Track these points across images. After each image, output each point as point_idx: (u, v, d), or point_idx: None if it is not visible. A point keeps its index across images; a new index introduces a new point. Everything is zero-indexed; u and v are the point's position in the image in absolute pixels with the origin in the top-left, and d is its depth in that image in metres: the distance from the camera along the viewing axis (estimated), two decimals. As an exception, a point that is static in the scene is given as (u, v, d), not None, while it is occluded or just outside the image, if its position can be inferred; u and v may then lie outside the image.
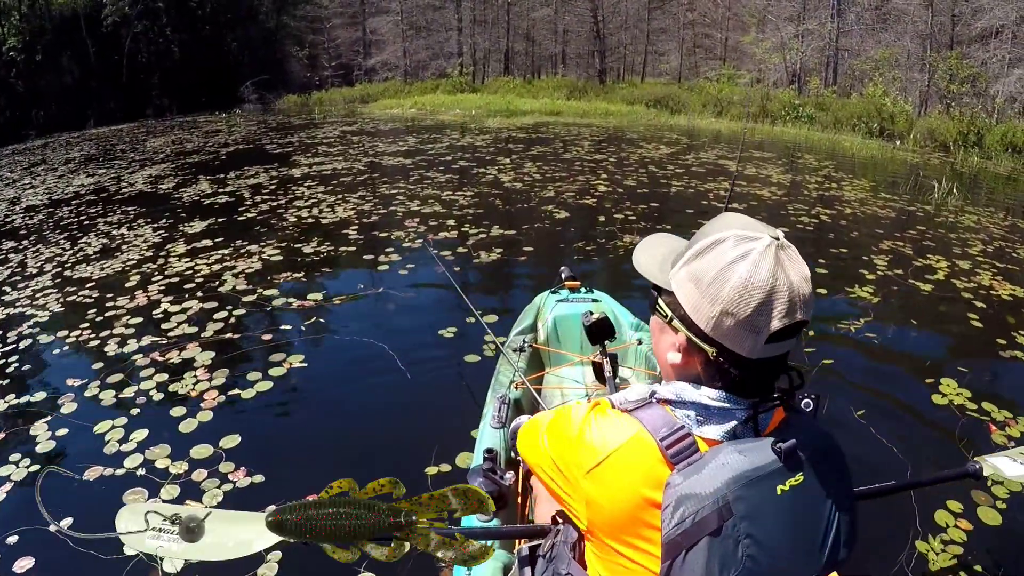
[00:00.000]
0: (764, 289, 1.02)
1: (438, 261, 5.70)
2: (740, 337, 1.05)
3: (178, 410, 4.18)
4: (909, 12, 21.37)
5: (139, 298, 5.99)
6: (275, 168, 11.88)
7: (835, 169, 11.95)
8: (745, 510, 1.03)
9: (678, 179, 10.58)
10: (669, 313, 1.15)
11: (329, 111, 24.00)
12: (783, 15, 24.53)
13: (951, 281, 6.36)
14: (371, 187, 10.14)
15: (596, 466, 1.12)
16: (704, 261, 1.07)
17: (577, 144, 14.15)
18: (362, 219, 8.30)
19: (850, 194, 9.85)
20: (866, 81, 20.87)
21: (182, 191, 10.36)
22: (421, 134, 16.37)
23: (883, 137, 16.32)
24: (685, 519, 1.02)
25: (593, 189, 9.75)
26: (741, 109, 19.52)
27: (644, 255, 1.26)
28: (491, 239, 7.45)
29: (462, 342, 5.00)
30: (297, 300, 5.80)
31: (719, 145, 14.48)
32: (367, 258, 6.90)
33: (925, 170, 12.54)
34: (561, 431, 1.24)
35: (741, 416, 1.12)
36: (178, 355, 4.90)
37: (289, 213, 8.62)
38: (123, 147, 16.54)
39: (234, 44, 29.86)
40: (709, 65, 28.17)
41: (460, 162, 12.21)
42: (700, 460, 1.06)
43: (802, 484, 1.08)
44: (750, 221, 1.10)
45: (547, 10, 28.82)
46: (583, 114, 20.13)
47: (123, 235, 8.07)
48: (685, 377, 1.17)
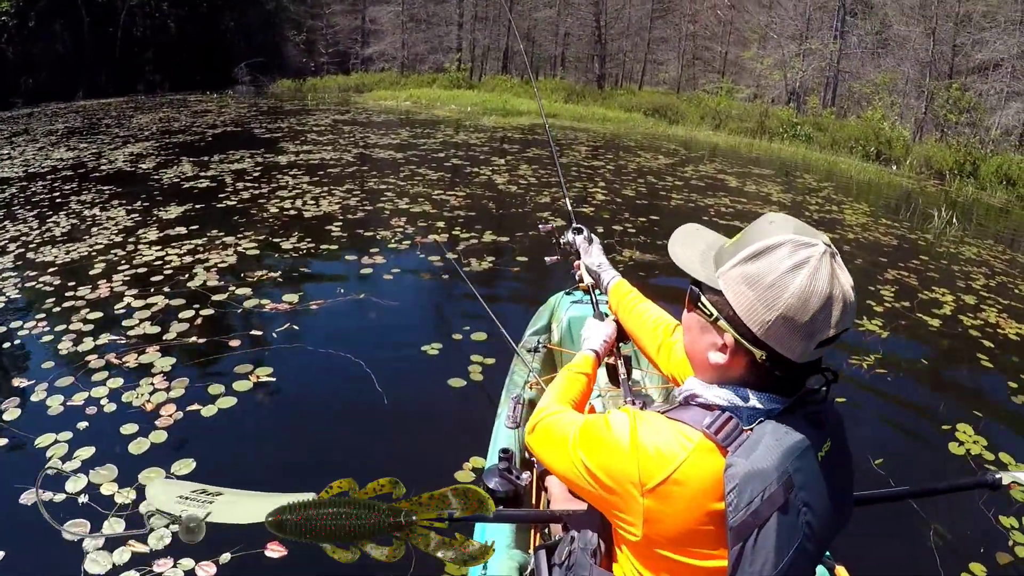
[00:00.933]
0: (823, 297, 1.03)
1: (459, 268, 5.30)
2: (793, 342, 1.06)
3: (130, 427, 3.70)
4: (911, 39, 21.19)
5: (102, 288, 5.53)
6: (261, 154, 11.40)
7: (834, 191, 11.66)
8: (802, 480, 1.06)
9: (677, 192, 10.22)
10: (715, 313, 1.14)
11: (322, 98, 23.44)
12: (785, 33, 24.30)
13: (958, 316, 6.13)
14: (359, 180, 9.68)
15: (662, 483, 1.09)
16: (760, 265, 1.07)
17: (574, 149, 13.71)
18: (347, 215, 7.85)
19: (851, 218, 9.53)
20: (864, 104, 20.66)
21: (162, 172, 9.89)
22: (415, 128, 15.89)
23: (879, 161, 16.11)
24: (754, 499, 1.03)
25: (591, 197, 9.34)
26: (739, 123, 19.24)
27: (682, 248, 1.25)
28: (483, 245, 7.02)
29: (446, 362, 4.56)
30: (271, 302, 5.35)
31: (717, 159, 14.12)
32: (349, 258, 6.44)
33: (922, 197, 12.32)
34: (604, 442, 1.20)
35: (780, 409, 1.13)
36: (136, 359, 4.43)
37: (271, 203, 8.17)
38: (109, 122, 15.98)
39: (231, 24, 29.34)
40: (708, 78, 27.99)
41: (453, 160, 11.76)
42: (750, 439, 1.07)
43: (831, 449, 1.14)
44: (800, 224, 1.10)
45: (550, 11, 28.38)
46: (580, 118, 19.70)
47: (94, 216, 7.58)
48: (726, 378, 1.17)
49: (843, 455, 1.19)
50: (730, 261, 1.11)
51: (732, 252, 1.12)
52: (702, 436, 1.10)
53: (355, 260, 6.36)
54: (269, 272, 5.99)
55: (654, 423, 1.16)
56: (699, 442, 1.10)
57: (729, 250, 1.14)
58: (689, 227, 1.31)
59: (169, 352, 4.52)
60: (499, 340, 4.46)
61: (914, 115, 20.13)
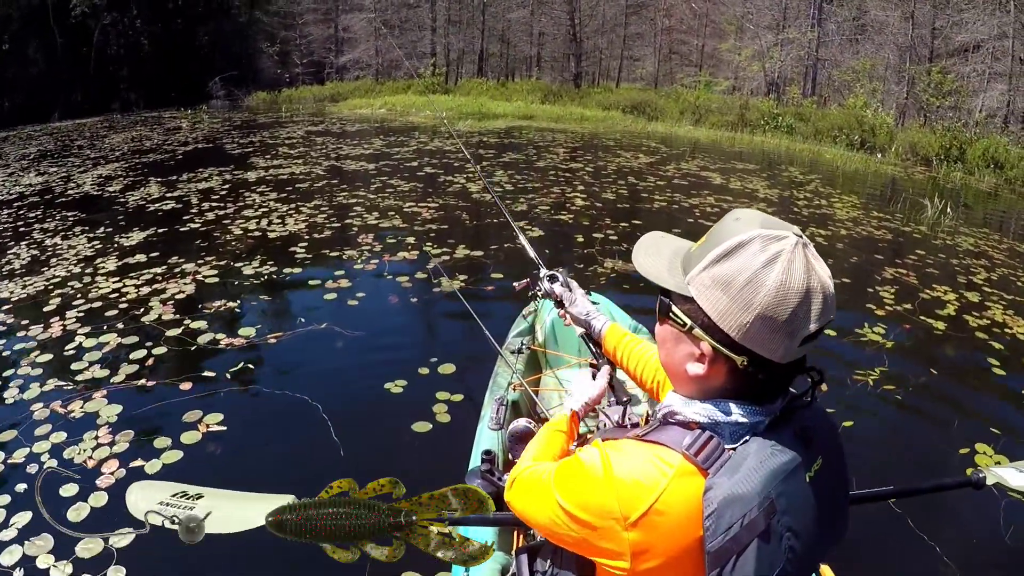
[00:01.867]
0: (800, 292, 0.97)
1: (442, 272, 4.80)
2: (774, 343, 1.00)
3: (70, 488, 3.29)
4: (889, 24, 20.87)
5: (54, 327, 5.09)
6: (230, 171, 10.91)
7: (821, 183, 11.24)
8: (786, 504, 1.00)
9: (660, 192, 9.76)
10: (688, 322, 1.07)
11: (297, 109, 22.94)
12: (762, 23, 23.95)
13: (963, 317, 5.73)
14: (328, 195, 9.15)
15: (644, 514, 1.01)
16: (730, 265, 1.00)
17: (551, 151, 13.25)
18: (313, 233, 7.36)
19: (842, 212, 9.13)
20: (845, 92, 20.30)
21: (128, 195, 9.43)
22: (388, 136, 15.38)
23: (864, 149, 15.75)
24: (733, 524, 0.97)
25: (569, 203, 8.87)
26: (720, 117, 18.86)
27: (647, 257, 1.18)
28: (455, 262, 6.55)
29: (410, 401, 4.10)
30: (226, 337, 4.88)
31: (699, 155, 13.70)
32: (313, 283, 5.95)
33: (911, 185, 11.97)
34: (578, 479, 1.12)
35: (766, 422, 1.05)
36: (82, 407, 4.01)
37: (235, 224, 7.69)
38: (82, 143, 15.52)
39: (205, 38, 28.90)
40: (685, 71, 27.66)
41: (427, 168, 11.22)
42: (732, 460, 1.01)
43: (822, 467, 1.07)
44: (767, 218, 1.04)
45: (523, 12, 27.93)
46: (557, 119, 19.26)
47: (55, 245, 7.13)
48: (707, 389, 1.09)
49: (837, 472, 1.13)
50: (699, 265, 1.05)
51: (700, 255, 1.06)
52: (682, 459, 1.03)
53: (319, 285, 5.88)
54: (227, 302, 5.52)
55: (627, 451, 1.08)
56: (679, 466, 1.03)
57: (696, 254, 1.08)
58: (653, 235, 1.24)
59: (117, 398, 4.12)
60: (468, 373, 4.05)
61: (895, 100, 19.82)
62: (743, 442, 1.02)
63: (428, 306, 5.58)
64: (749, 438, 1.03)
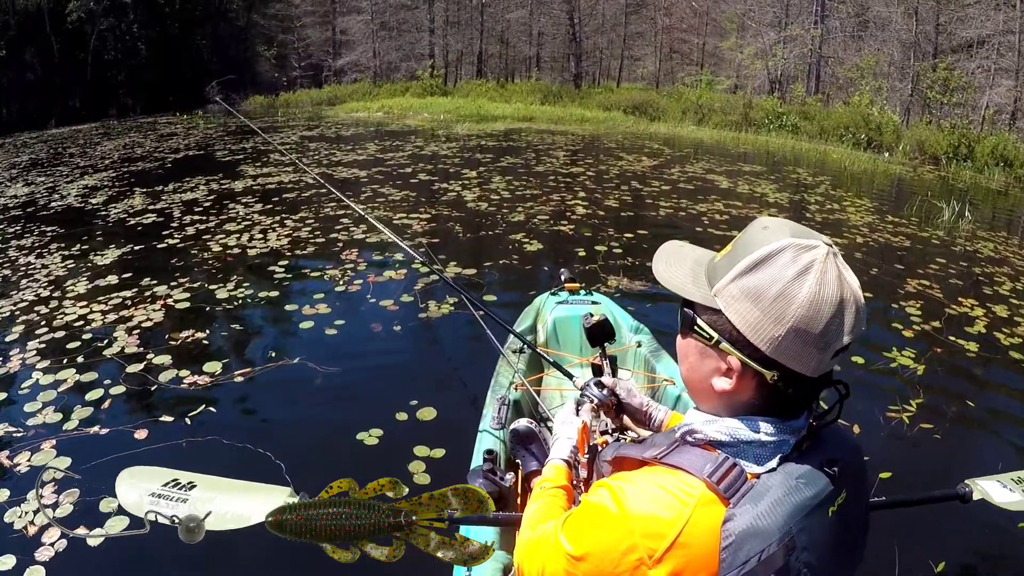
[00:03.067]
0: (834, 304, 0.92)
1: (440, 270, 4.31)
2: (807, 356, 0.94)
3: (7, 559, 2.84)
4: (892, 20, 20.32)
5: (13, 361, 4.61)
6: (218, 180, 10.41)
7: (831, 185, 10.70)
8: (807, 540, 0.95)
9: (666, 198, 9.21)
10: (715, 335, 1.01)
11: (293, 114, 22.44)
12: (764, 20, 23.40)
13: (993, 335, 5.23)
14: (315, 206, 8.61)
15: (669, 549, 0.94)
16: (762, 275, 0.95)
17: (551, 155, 12.71)
18: (295, 250, 6.83)
19: (855, 217, 8.60)
20: (850, 89, 19.73)
21: (111, 207, 8.96)
22: (384, 141, 14.86)
23: (871, 148, 15.20)
24: (750, 559, 0.91)
25: (570, 211, 8.33)
26: (723, 117, 18.33)
27: (668, 268, 1.10)
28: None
29: (385, 456, 3.57)
30: (191, 374, 4.37)
31: (704, 156, 13.16)
32: (289, 308, 5.42)
33: (920, 185, 11.44)
34: (590, 524, 1.02)
35: (793, 442, 1.00)
36: (29, 459, 3.53)
37: (215, 240, 7.19)
38: (74, 151, 15.08)
39: (203, 42, 28.49)
40: (686, 71, 27.20)
41: (420, 175, 10.64)
42: (755, 490, 0.95)
43: (845, 501, 1.02)
44: (797, 226, 0.99)
45: (522, 12, 27.39)
46: (558, 120, 18.73)
47: (28, 264, 6.66)
48: (732, 406, 1.03)
49: (859, 506, 1.07)
50: (727, 275, 0.98)
51: (726, 265, 0.99)
52: (704, 487, 0.95)
53: (295, 311, 5.34)
54: (195, 332, 5.00)
55: (641, 482, 1.00)
56: (701, 495, 0.95)
57: (722, 263, 1.01)
58: (672, 244, 1.16)
59: (66, 449, 3.63)
60: (452, 418, 3.85)
61: (899, 98, 19.28)
62: (768, 469, 0.97)
63: (413, 334, 5.05)
64: (775, 465, 0.98)
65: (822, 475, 0.98)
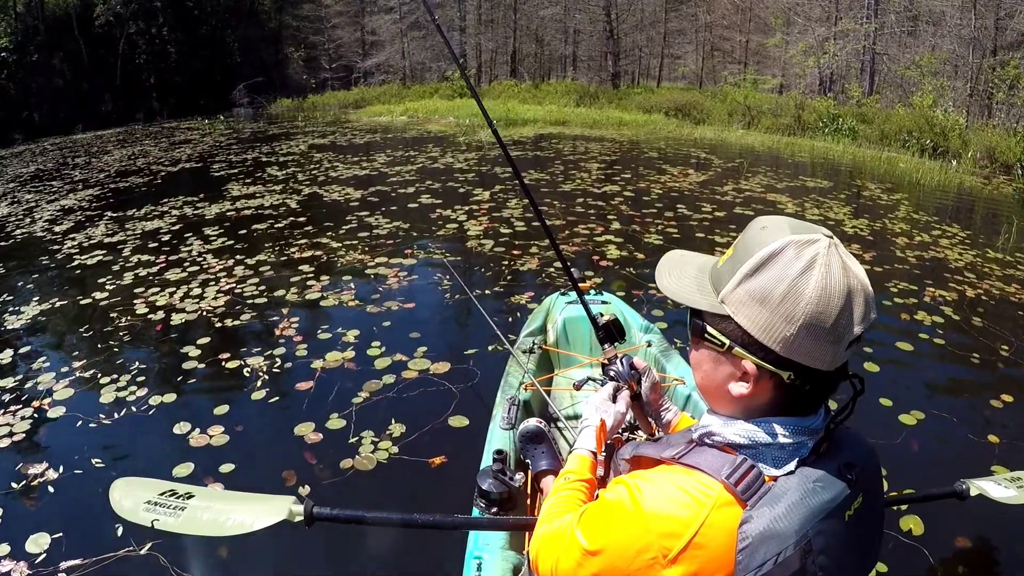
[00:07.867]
0: (842, 295, 0.89)
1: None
2: (821, 351, 0.90)
3: None
4: (947, 15, 17.87)
5: None
6: (196, 202, 8.68)
7: (913, 207, 8.49)
8: (823, 544, 0.91)
9: (721, 229, 7.03)
10: (726, 341, 0.97)
11: (317, 117, 20.77)
12: (812, 15, 21.07)
13: None
14: (280, 245, 6.63)
15: (684, 548, 0.90)
16: (766, 276, 0.91)
17: (583, 167, 10.65)
18: (225, 319, 4.88)
19: (953, 255, 6.46)
20: (912, 89, 17.31)
21: (69, 238, 7.39)
22: (397, 150, 12.97)
23: (936, 155, 12.91)
24: (766, 561, 0.88)
25: (599, 254, 6.24)
26: (774, 120, 16.12)
27: (671, 279, 1.06)
28: (406, 387, 3.89)
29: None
30: (8, 559, 2.59)
31: (759, 167, 10.99)
32: (178, 432, 3.47)
33: (1004, 204, 9.33)
34: (606, 520, 0.99)
35: (811, 445, 0.96)
36: None
37: (147, 294, 5.43)
38: (78, 162, 13.62)
39: (234, 45, 27.04)
40: (729, 69, 24.94)
41: (423, 197, 8.59)
42: (772, 493, 0.91)
43: (861, 506, 0.98)
44: (795, 221, 0.95)
45: (556, 8, 25.29)
46: (593, 124, 16.64)
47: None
48: (750, 409, 0.98)
49: (874, 510, 1.02)
50: (731, 280, 0.95)
51: (730, 270, 0.96)
52: (722, 488, 0.92)
53: (181, 436, 3.44)
54: (47, 469, 3.19)
55: (658, 481, 0.97)
56: (718, 495, 0.91)
57: (725, 268, 0.98)
58: (672, 254, 1.13)
59: None
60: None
61: (955, 97, 16.83)
62: (785, 472, 0.93)
63: (349, 488, 3.13)
64: (793, 468, 0.93)
65: (839, 479, 0.94)
